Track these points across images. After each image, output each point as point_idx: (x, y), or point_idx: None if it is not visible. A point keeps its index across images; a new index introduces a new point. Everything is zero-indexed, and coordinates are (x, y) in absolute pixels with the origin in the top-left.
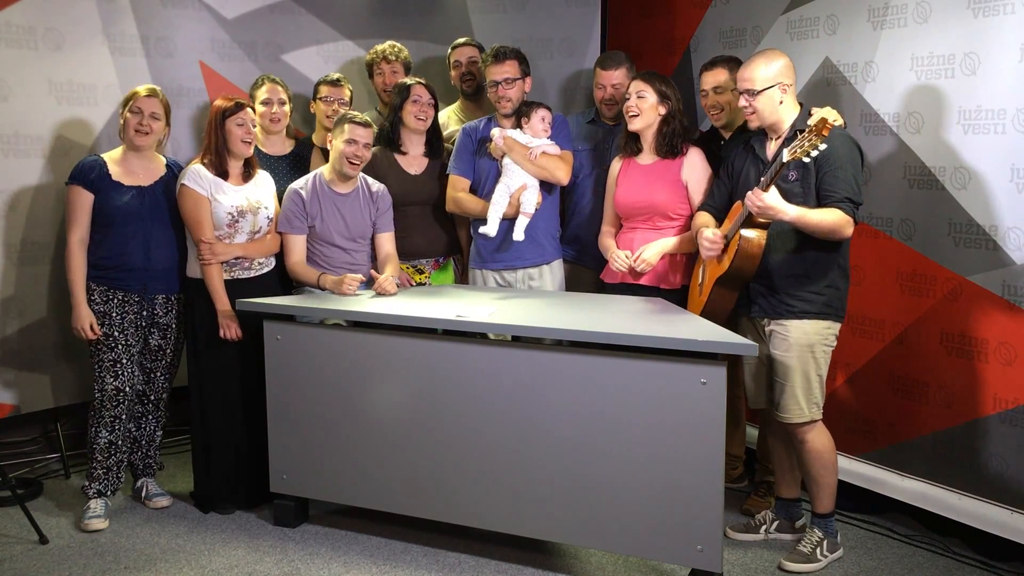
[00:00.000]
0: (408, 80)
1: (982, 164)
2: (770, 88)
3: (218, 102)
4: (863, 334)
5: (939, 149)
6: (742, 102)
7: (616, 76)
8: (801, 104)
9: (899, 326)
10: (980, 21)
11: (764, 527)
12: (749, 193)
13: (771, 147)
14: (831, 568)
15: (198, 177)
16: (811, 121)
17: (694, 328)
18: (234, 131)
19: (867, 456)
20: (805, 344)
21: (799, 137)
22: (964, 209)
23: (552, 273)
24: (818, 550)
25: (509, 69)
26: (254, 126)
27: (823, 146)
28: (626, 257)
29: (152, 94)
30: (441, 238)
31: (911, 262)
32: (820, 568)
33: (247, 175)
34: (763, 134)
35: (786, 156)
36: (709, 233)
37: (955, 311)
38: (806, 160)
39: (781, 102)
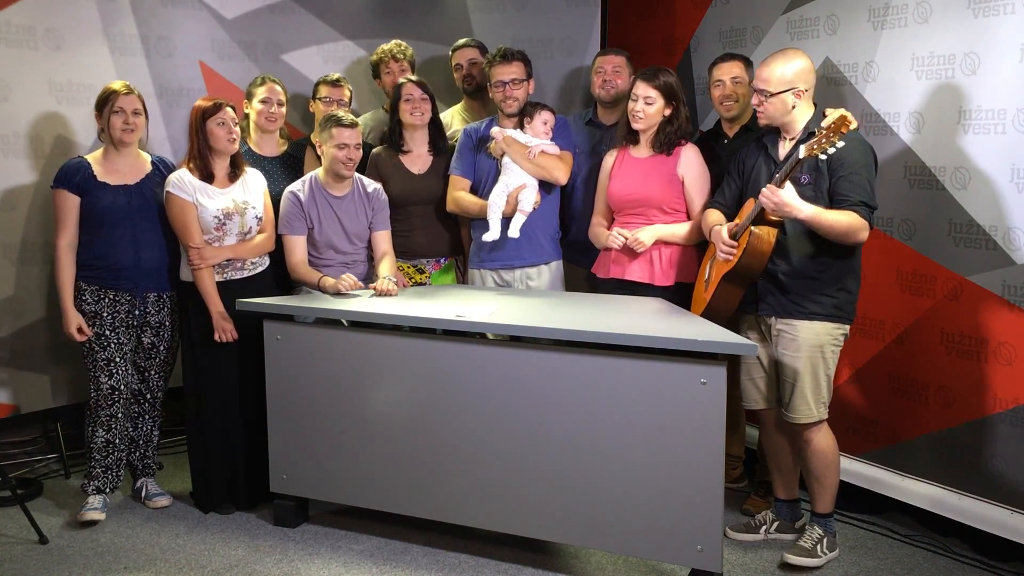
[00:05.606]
0: (400, 79)
1: (982, 164)
2: (784, 92)
3: (198, 103)
4: (863, 334)
5: (939, 149)
6: (754, 100)
7: (617, 61)
8: (815, 104)
9: (899, 326)
10: (980, 21)
11: (764, 527)
12: (764, 189)
13: (783, 147)
14: (831, 567)
15: (181, 183)
16: (828, 120)
17: (694, 328)
18: (216, 131)
19: (867, 456)
20: (815, 345)
21: (817, 133)
22: (964, 209)
23: (551, 273)
24: (819, 547)
25: (516, 70)
26: (236, 124)
27: (840, 144)
28: (619, 234)
29: (129, 91)
30: (443, 237)
31: (911, 262)
32: (821, 564)
33: (234, 175)
34: (776, 133)
35: (803, 152)
36: (726, 235)
37: (955, 311)
38: (822, 157)
39: (793, 107)
